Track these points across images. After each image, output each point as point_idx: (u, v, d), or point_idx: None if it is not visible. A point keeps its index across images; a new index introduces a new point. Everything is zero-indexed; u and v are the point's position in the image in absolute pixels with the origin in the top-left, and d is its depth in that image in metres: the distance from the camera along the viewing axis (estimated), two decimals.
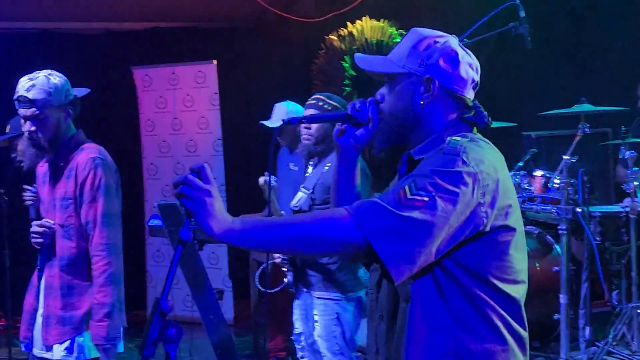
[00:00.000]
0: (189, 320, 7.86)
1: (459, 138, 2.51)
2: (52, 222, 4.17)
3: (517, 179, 5.95)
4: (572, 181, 5.55)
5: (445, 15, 8.26)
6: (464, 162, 2.40)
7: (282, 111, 7.11)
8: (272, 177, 6.48)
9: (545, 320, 5.88)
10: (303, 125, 5.47)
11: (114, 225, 4.21)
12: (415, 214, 2.31)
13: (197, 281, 6.73)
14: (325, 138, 5.31)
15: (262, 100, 8.62)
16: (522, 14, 5.75)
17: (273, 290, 6.63)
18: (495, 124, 5.98)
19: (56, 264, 4.19)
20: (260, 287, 6.78)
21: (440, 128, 2.61)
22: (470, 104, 2.63)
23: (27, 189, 4.88)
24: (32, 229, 4.18)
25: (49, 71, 4.15)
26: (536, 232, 6.19)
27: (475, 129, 2.66)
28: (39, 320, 4.24)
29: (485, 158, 2.46)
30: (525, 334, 2.53)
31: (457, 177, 2.37)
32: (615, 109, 5.84)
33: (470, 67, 2.63)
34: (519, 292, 2.52)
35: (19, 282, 6.91)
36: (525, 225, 6.10)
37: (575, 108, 5.65)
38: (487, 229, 2.41)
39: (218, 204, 2.31)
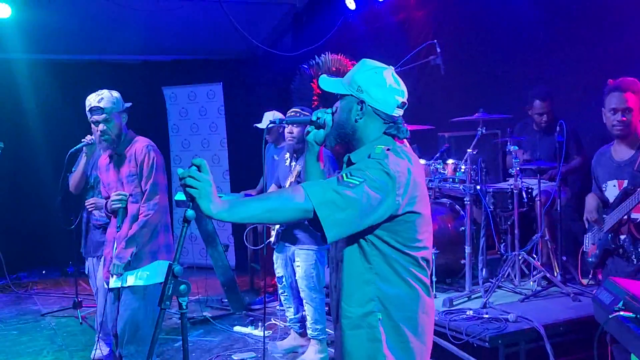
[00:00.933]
0: (204, 266, 7.90)
1: (382, 147, 2.58)
2: (126, 193, 4.32)
3: (436, 166, 5.97)
4: (473, 167, 5.59)
5: (387, 49, 8.28)
6: (385, 165, 2.47)
7: (270, 117, 7.13)
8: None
9: (455, 265, 5.91)
10: (287, 130, 5.52)
11: (161, 191, 4.36)
12: (348, 193, 2.39)
13: (210, 239, 6.76)
14: (303, 138, 5.35)
15: (255, 110, 8.64)
16: (438, 49, 5.80)
17: (259, 247, 6.68)
18: (420, 127, 6.07)
19: (128, 221, 4.34)
20: (247, 244, 6.81)
21: (371, 139, 2.67)
22: (396, 120, 2.67)
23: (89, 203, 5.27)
24: (112, 198, 4.35)
25: (107, 90, 4.36)
26: (448, 202, 6.20)
27: (396, 140, 2.68)
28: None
29: (400, 162, 2.53)
30: (427, 280, 2.66)
31: (380, 174, 2.46)
32: (503, 116, 5.87)
33: (396, 92, 2.66)
34: (423, 254, 2.64)
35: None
36: (440, 197, 6.28)
37: (476, 116, 5.70)
38: (400, 212, 2.51)
39: (214, 191, 2.31)
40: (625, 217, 3.99)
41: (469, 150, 5.54)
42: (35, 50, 9.03)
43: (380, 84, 2.64)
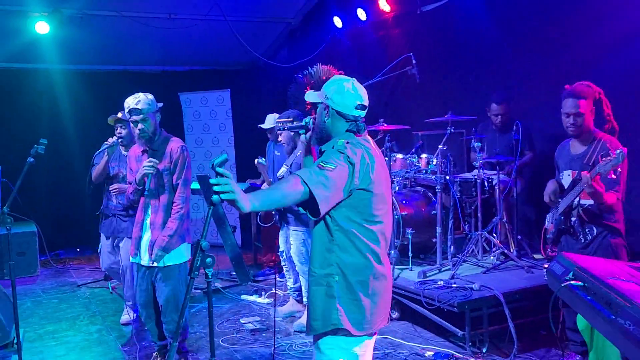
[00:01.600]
0: (215, 244, 7.86)
1: (343, 140, 2.79)
2: (157, 161, 4.27)
3: (412, 159, 5.98)
4: (443, 160, 5.60)
5: (369, 61, 8.28)
6: (345, 153, 2.71)
7: (271, 118, 7.10)
8: (262, 159, 6.50)
9: (428, 242, 5.92)
10: (280, 137, 5.55)
11: (189, 186, 4.40)
12: (330, 174, 2.62)
13: (220, 221, 6.73)
14: (291, 140, 5.38)
15: (257, 113, 8.62)
16: (414, 61, 5.80)
17: (267, 225, 6.67)
18: (398, 127, 6.07)
19: (160, 209, 4.31)
20: (260, 222, 6.81)
21: (337, 135, 2.89)
22: (356, 119, 2.88)
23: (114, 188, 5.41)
24: (144, 164, 4.25)
25: (142, 93, 4.32)
26: (422, 190, 6.18)
27: (357, 135, 2.87)
28: (145, 243, 4.34)
29: (357, 151, 2.75)
30: (379, 251, 2.81)
31: (343, 160, 2.69)
32: (469, 118, 5.88)
33: (354, 97, 2.88)
34: (379, 228, 2.80)
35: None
36: (415, 186, 6.26)
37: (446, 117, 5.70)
38: (357, 188, 2.71)
39: (240, 190, 2.46)
40: (576, 201, 4.02)
41: (440, 146, 5.53)
42: (69, 61, 8.96)
43: (339, 91, 2.88)
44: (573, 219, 4.11)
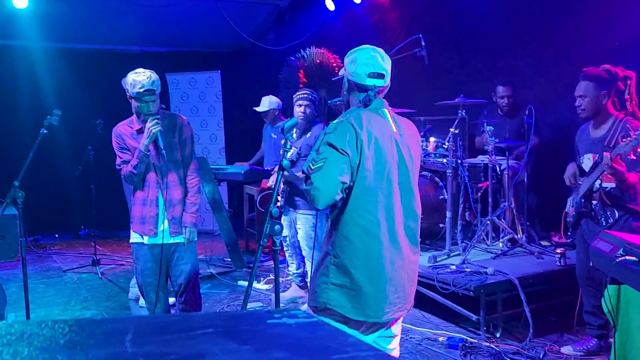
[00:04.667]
0: (208, 231, 7.88)
1: (335, 122, 2.76)
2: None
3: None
4: (454, 144, 5.61)
5: (372, 44, 8.25)
6: (329, 140, 2.69)
7: (267, 101, 7.07)
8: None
9: (434, 228, 5.98)
10: (299, 109, 5.46)
11: (197, 158, 4.32)
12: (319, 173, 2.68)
13: (217, 206, 6.70)
14: (310, 118, 5.36)
15: (245, 96, 8.61)
16: (423, 43, 5.81)
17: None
18: (403, 110, 6.07)
19: (176, 184, 4.16)
20: (260, 208, 6.76)
21: (354, 105, 2.85)
22: (371, 88, 2.78)
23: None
24: (149, 122, 3.99)
25: (149, 70, 4.05)
26: (429, 175, 6.20)
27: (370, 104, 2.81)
28: (165, 221, 4.14)
29: (346, 132, 2.69)
30: (380, 232, 2.77)
31: (326, 149, 2.72)
32: (481, 101, 5.92)
33: (365, 64, 2.78)
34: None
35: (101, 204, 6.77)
36: (422, 171, 6.27)
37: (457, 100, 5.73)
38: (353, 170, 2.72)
39: None
40: (597, 185, 4.09)
41: (451, 129, 5.52)
42: (49, 38, 8.73)
43: (353, 61, 2.82)
44: (594, 202, 4.17)
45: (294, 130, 2.73)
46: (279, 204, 4.90)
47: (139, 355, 0.78)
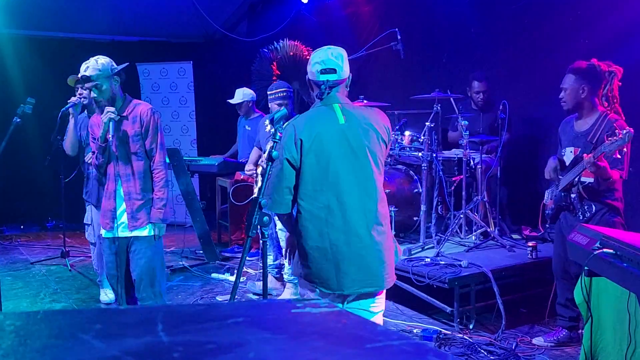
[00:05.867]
0: (180, 223, 7.84)
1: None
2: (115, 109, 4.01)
3: (396, 137, 6.05)
4: (430, 138, 5.68)
5: (336, 40, 8.25)
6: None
7: (240, 93, 7.06)
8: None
9: (409, 221, 6.04)
10: (275, 104, 5.50)
11: (164, 149, 4.18)
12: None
13: (189, 197, 6.67)
14: (290, 113, 5.38)
15: (219, 87, 8.55)
16: (399, 37, 5.87)
17: (241, 203, 6.62)
18: (375, 103, 6.12)
19: (135, 177, 4.06)
20: (233, 200, 6.73)
21: (315, 101, 3.03)
22: (320, 84, 2.94)
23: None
24: (104, 112, 3.97)
25: (94, 58, 4.04)
26: (403, 168, 6.24)
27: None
28: (123, 214, 4.08)
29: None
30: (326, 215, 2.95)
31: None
32: (456, 95, 5.97)
33: (317, 61, 2.95)
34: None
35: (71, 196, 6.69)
36: (396, 164, 6.33)
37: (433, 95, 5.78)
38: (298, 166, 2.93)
39: None
40: (576, 179, 4.18)
41: (427, 123, 5.58)
42: (15, 26, 8.59)
43: (310, 61, 2.99)
44: (573, 195, 4.26)
45: (282, 122, 2.76)
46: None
47: (177, 344, 0.80)
